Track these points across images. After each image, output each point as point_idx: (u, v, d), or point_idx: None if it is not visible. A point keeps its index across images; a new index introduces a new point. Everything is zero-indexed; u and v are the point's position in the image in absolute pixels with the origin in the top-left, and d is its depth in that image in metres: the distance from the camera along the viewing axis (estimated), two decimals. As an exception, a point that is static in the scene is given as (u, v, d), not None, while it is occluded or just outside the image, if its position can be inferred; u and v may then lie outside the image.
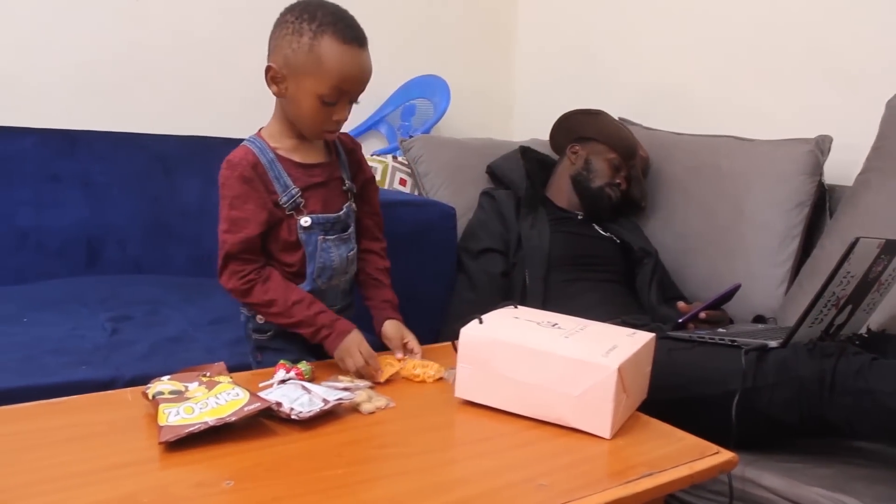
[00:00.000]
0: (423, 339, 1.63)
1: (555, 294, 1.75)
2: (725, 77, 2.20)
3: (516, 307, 1.28)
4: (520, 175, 1.94)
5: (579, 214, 1.97)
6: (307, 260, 1.29)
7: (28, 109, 2.08)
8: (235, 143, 1.32)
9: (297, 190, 1.27)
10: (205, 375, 1.08)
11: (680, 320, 1.56)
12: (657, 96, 2.40)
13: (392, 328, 1.35)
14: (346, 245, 1.34)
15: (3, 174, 1.96)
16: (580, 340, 1.10)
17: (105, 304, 1.75)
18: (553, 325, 1.16)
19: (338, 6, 1.26)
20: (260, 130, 1.32)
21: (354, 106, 1.29)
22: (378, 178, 2.10)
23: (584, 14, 2.65)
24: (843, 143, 1.86)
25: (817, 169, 1.84)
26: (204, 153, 2.19)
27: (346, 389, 1.10)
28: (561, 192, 2.00)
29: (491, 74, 2.86)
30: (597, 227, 1.97)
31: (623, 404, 1.06)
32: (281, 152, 1.28)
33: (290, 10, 1.24)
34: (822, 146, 1.85)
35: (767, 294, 1.81)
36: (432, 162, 2.05)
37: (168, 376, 1.09)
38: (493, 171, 2.05)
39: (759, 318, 1.77)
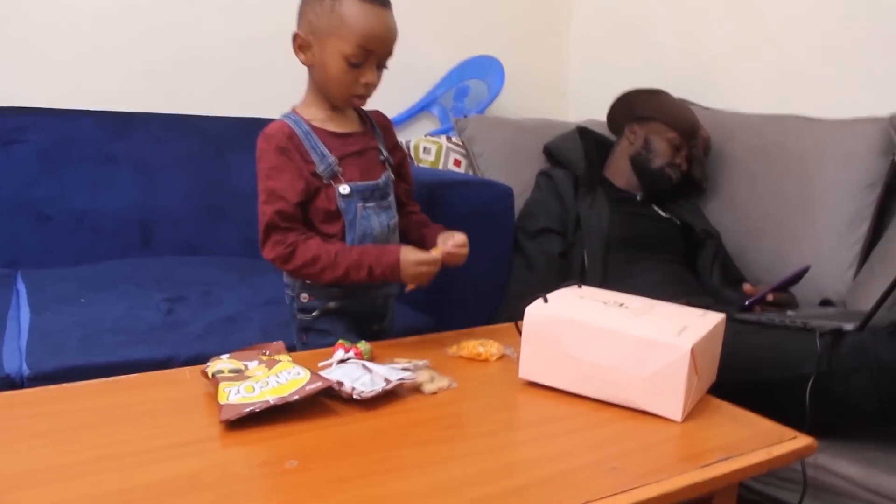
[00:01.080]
0: (481, 321, 1.60)
1: (615, 275, 1.70)
2: (787, 54, 2.11)
3: (580, 286, 1.24)
4: (578, 154, 1.90)
5: (638, 195, 1.92)
6: (347, 229, 1.28)
7: (84, 92, 2.10)
8: None
9: (334, 159, 1.26)
10: (264, 354, 1.07)
11: (746, 302, 1.50)
12: (714, 75, 2.32)
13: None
14: (386, 213, 1.33)
15: (60, 156, 1.97)
16: (650, 320, 1.05)
17: (160, 285, 1.75)
18: (620, 305, 1.12)
19: None
20: (294, 107, 1.32)
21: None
22: (432, 158, 2.07)
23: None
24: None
25: (890, 148, 1.76)
26: (256, 133, 2.17)
27: (406, 370, 1.08)
28: (620, 172, 1.95)
29: (544, 55, 2.80)
30: (656, 209, 1.91)
31: (695, 386, 1.01)
32: (316, 123, 1.28)
33: None
34: (895, 124, 1.76)
35: (835, 277, 1.74)
36: (487, 142, 2.02)
37: (227, 354, 1.07)
38: (549, 151, 2.01)
39: (826, 302, 1.70)
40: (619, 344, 1.01)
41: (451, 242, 1.27)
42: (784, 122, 1.94)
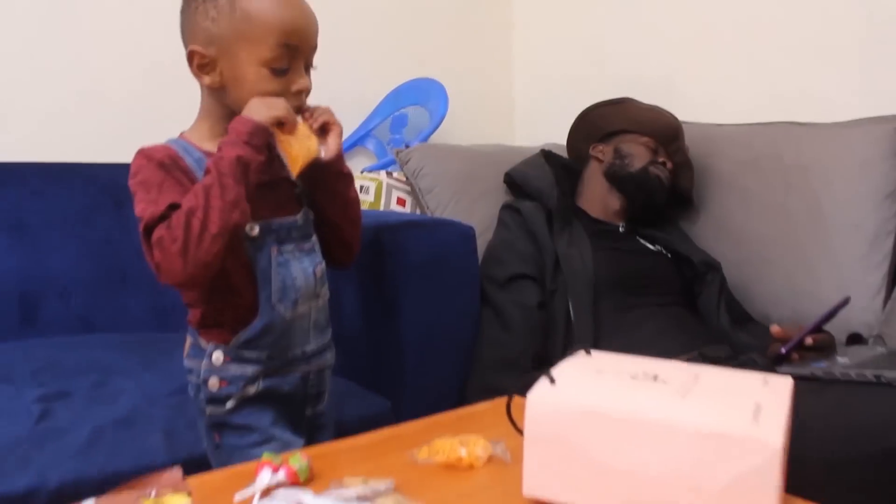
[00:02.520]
0: (447, 397, 1.30)
1: (607, 326, 1.40)
2: (764, 60, 1.87)
3: (589, 353, 0.93)
4: (547, 182, 1.60)
5: (620, 226, 1.63)
6: (260, 283, 0.98)
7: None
8: None
9: None
10: (148, 498, 0.72)
11: (783, 349, 1.21)
12: (679, 88, 2.06)
13: None
14: (309, 257, 1.03)
15: None
16: (704, 399, 0.74)
17: (38, 378, 1.38)
18: (654, 378, 0.81)
19: None
20: (182, 133, 1.03)
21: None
22: (371, 199, 1.75)
23: (588, 2, 2.32)
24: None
25: (905, 152, 1.52)
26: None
27: (362, 498, 0.74)
28: (595, 199, 1.66)
29: (485, 74, 2.51)
30: (642, 241, 1.62)
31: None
32: (209, 149, 0.98)
33: None
34: (906, 124, 1.52)
35: (862, 307, 1.47)
36: (436, 175, 1.71)
37: (94, 501, 0.72)
38: (513, 180, 1.71)
39: (856, 338, 1.43)
40: (672, 442, 0.70)
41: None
42: (774, 130, 1.69)
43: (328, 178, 1.05)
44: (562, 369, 0.84)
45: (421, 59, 2.30)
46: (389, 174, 1.80)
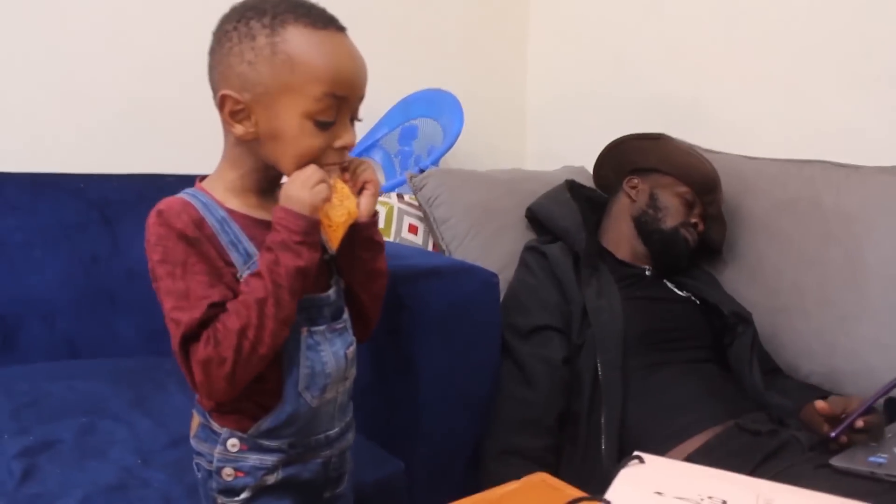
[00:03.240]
0: (464, 456, 1.22)
1: (636, 387, 1.31)
2: (801, 91, 1.76)
3: (642, 461, 0.83)
4: (574, 221, 1.49)
5: (647, 269, 1.53)
6: (286, 368, 0.87)
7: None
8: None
9: None
10: None
11: (833, 434, 1.12)
12: (706, 112, 1.96)
13: None
14: (341, 339, 0.92)
15: None
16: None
17: (19, 420, 1.27)
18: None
19: None
20: (200, 182, 0.91)
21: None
22: (381, 224, 1.63)
23: (608, 13, 2.20)
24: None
25: (953, 203, 1.43)
26: (155, 196, 1.70)
27: None
28: (621, 239, 1.56)
29: (499, 88, 2.39)
30: (670, 285, 1.53)
31: None
32: (235, 207, 0.89)
33: (226, 19, 0.87)
34: (956, 173, 1.43)
35: (902, 370, 1.40)
36: (453, 203, 1.60)
37: None
38: (536, 217, 1.60)
39: (893, 403, 1.35)
40: None
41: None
42: (812, 170, 1.59)
43: (355, 244, 0.93)
44: (619, 491, 0.75)
45: (432, 69, 2.17)
46: (401, 198, 1.69)
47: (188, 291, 0.81)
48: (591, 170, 1.89)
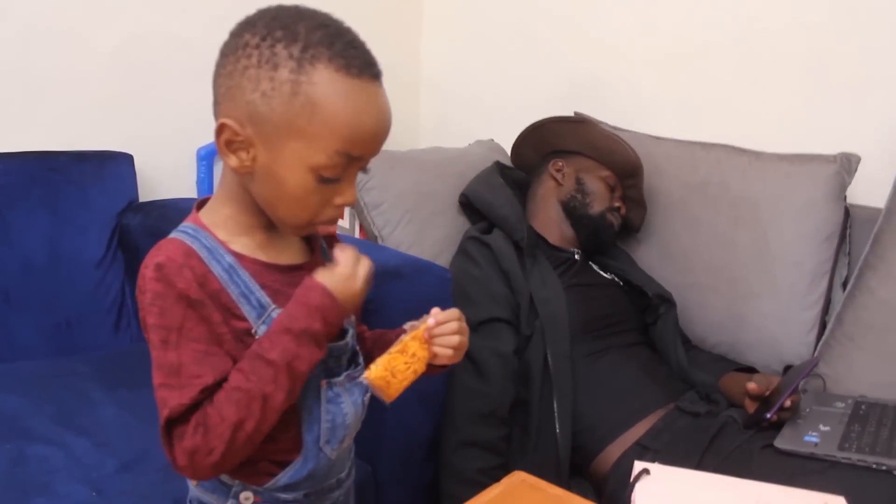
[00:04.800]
0: (422, 451, 1.23)
1: (583, 375, 1.37)
2: (698, 68, 1.86)
3: (648, 473, 0.89)
4: (515, 211, 1.50)
5: (576, 252, 1.59)
6: (306, 423, 0.81)
7: None
8: (97, 156, 0.82)
9: (278, 311, 0.78)
10: None
11: (768, 415, 1.24)
12: (607, 89, 2.01)
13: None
14: (359, 387, 0.86)
15: None
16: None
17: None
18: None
19: (327, 15, 0.77)
20: (199, 212, 0.81)
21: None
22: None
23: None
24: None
25: (842, 193, 1.59)
26: (46, 177, 1.55)
27: None
28: (550, 224, 1.60)
29: (392, 52, 2.32)
30: (595, 268, 1.60)
31: None
32: (241, 250, 0.79)
33: (249, 26, 0.75)
34: (847, 166, 1.58)
35: (796, 340, 1.56)
36: (385, 189, 1.56)
37: None
38: (471, 204, 1.60)
39: (790, 368, 1.52)
40: None
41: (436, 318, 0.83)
42: (718, 154, 1.69)
43: None
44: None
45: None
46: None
47: (180, 367, 0.72)
48: (501, 143, 1.91)
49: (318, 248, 0.87)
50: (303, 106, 0.71)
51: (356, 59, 0.73)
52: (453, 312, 0.84)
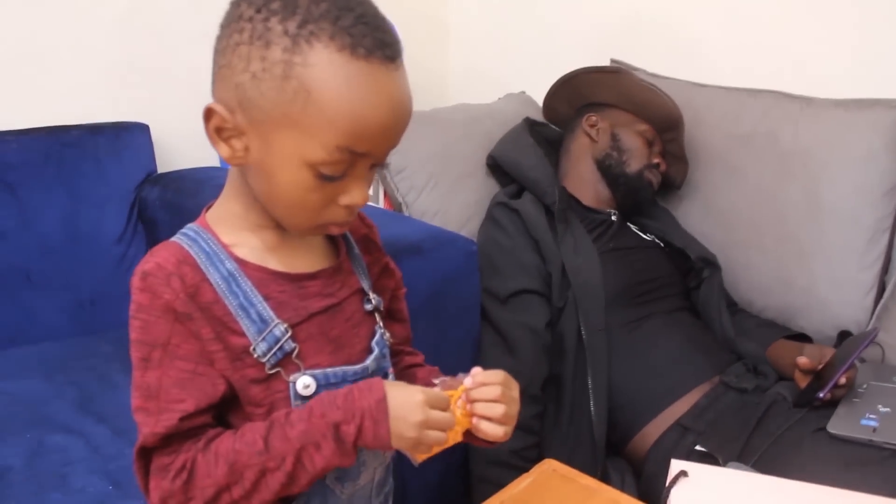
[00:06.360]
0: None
1: (620, 347, 1.29)
2: (738, 9, 1.71)
3: (686, 475, 0.82)
4: (546, 173, 1.41)
5: (612, 213, 1.49)
6: None
7: None
8: (111, 128, 0.75)
9: (283, 327, 0.69)
10: None
11: (821, 394, 1.15)
12: (646, 32, 1.87)
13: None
14: None
15: None
16: None
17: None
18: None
19: None
20: (206, 212, 0.73)
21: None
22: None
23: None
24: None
25: (905, 142, 1.45)
26: (60, 152, 1.51)
27: None
28: (583, 183, 1.50)
29: (420, 4, 2.21)
30: (634, 229, 1.50)
31: None
32: (246, 255, 0.70)
33: None
34: (908, 112, 1.45)
35: (853, 304, 1.45)
36: (408, 152, 1.48)
37: None
38: (499, 166, 1.51)
39: (846, 334, 1.42)
40: None
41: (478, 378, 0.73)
42: (765, 102, 1.57)
43: None
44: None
45: None
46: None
47: (158, 390, 0.65)
48: (532, 95, 1.81)
49: (344, 250, 0.77)
50: (295, 92, 0.61)
51: (365, 38, 0.62)
52: (497, 375, 0.73)
